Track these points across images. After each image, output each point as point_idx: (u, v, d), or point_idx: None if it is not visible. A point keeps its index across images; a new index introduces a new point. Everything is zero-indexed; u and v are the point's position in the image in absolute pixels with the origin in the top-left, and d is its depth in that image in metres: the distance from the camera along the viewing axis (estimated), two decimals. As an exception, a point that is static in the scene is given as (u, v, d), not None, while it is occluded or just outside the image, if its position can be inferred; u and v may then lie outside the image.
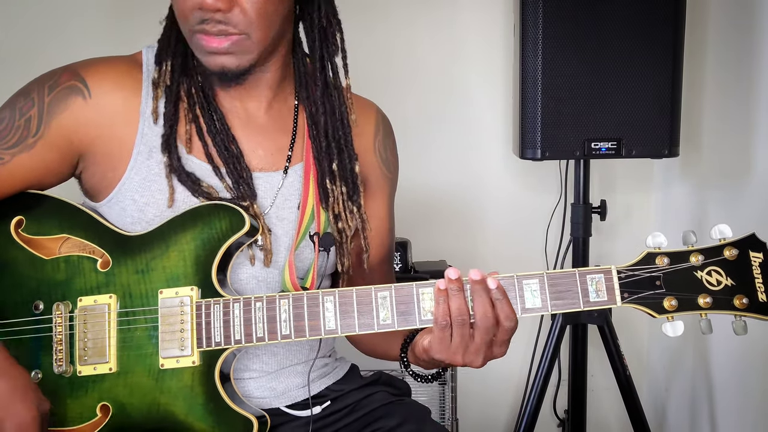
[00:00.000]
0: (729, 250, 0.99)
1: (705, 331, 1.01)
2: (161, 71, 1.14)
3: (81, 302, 1.09)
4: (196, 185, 1.12)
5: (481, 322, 1.00)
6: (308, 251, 1.18)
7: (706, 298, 1.00)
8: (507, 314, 1.00)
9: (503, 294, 1.00)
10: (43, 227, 1.12)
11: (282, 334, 1.05)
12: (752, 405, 1.84)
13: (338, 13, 1.19)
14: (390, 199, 1.33)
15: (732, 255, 0.99)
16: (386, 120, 1.33)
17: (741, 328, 1.01)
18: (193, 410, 1.07)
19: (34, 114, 1.10)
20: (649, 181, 2.42)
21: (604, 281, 1.01)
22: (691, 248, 1.01)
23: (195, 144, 1.15)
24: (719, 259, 1.00)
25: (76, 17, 2.27)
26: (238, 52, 1.07)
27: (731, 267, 1.00)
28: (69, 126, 1.10)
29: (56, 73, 1.13)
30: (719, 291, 1.00)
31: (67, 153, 1.12)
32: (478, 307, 1.00)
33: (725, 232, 1.01)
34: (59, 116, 1.10)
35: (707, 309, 1.00)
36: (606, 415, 2.47)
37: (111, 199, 1.13)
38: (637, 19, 1.77)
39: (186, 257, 1.08)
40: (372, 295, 1.04)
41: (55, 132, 1.10)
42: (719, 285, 1.00)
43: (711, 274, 1.00)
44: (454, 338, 1.00)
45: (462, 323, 0.99)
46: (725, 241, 1.01)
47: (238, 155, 1.15)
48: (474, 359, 1.01)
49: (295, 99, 1.23)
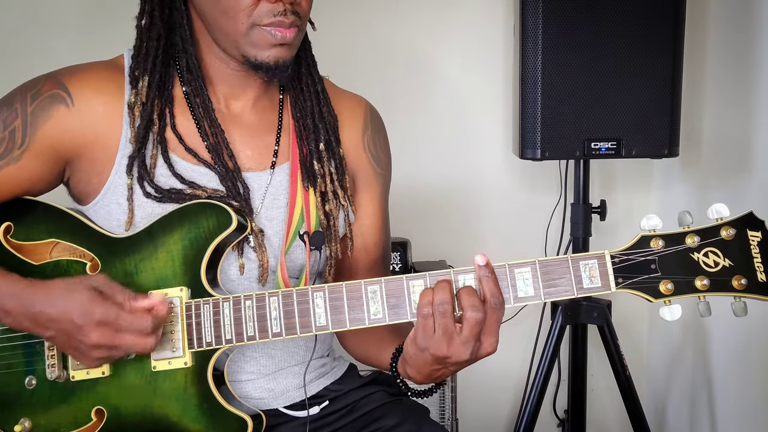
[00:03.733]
0: (726, 230, 0.96)
1: (703, 314, 0.98)
2: (138, 89, 1.13)
3: None
4: (178, 195, 1.11)
5: (467, 300, 0.97)
6: (299, 251, 1.18)
7: (703, 280, 0.96)
8: (493, 292, 0.98)
9: (491, 272, 0.99)
10: (32, 233, 1.12)
11: (273, 332, 1.04)
12: (752, 404, 1.84)
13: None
14: (382, 197, 1.32)
15: (729, 235, 0.96)
16: (376, 116, 1.32)
17: (741, 309, 0.97)
18: (187, 411, 1.06)
19: (18, 125, 1.10)
20: (649, 181, 2.42)
21: (597, 267, 0.98)
22: (686, 229, 0.98)
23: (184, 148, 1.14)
24: (716, 239, 0.97)
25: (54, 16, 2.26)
26: (295, 43, 1.11)
27: (729, 247, 0.96)
28: (54, 135, 1.10)
29: (38, 81, 1.12)
30: (717, 272, 0.96)
31: (53, 162, 1.12)
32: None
33: (722, 211, 0.97)
34: (43, 126, 1.09)
35: (705, 291, 0.97)
36: (606, 415, 2.47)
37: (97, 203, 1.13)
38: (637, 19, 1.77)
39: (174, 258, 1.08)
40: (362, 289, 1.02)
41: (41, 142, 1.10)
42: (717, 266, 0.97)
43: (708, 256, 0.97)
44: (437, 330, 0.97)
45: (443, 312, 0.97)
46: (722, 220, 0.97)
47: (231, 157, 1.15)
48: (462, 351, 0.97)
49: (280, 93, 1.23)
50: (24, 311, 1.03)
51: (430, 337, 0.98)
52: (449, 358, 0.98)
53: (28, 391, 1.10)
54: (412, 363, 1.03)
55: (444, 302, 0.97)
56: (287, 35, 1.08)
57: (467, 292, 0.98)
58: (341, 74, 1.37)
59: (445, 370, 1.03)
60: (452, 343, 0.97)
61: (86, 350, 1.02)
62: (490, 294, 0.98)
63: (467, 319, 0.96)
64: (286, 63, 1.11)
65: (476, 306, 0.96)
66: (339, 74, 1.35)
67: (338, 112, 1.25)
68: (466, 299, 0.97)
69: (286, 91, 1.23)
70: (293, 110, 1.22)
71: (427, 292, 0.98)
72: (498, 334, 0.99)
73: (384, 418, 1.22)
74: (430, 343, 0.98)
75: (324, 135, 1.21)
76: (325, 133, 1.21)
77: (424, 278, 1.01)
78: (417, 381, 1.07)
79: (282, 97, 1.23)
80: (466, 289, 0.98)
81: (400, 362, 1.09)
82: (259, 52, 1.09)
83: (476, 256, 0.99)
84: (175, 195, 1.11)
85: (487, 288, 0.98)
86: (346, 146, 1.24)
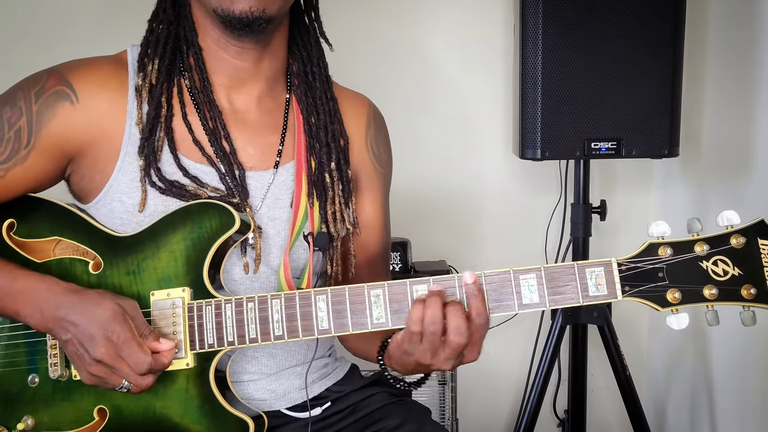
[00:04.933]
0: (736, 238, 0.94)
1: (711, 323, 0.96)
2: (146, 72, 1.12)
3: None
4: (180, 190, 1.11)
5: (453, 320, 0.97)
6: (302, 251, 1.18)
7: (712, 289, 0.95)
8: (479, 311, 0.97)
9: (478, 290, 0.98)
10: (35, 230, 1.11)
11: (275, 335, 1.03)
12: (752, 405, 1.84)
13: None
14: (383, 196, 1.32)
15: (739, 243, 0.94)
16: (378, 114, 1.32)
17: (749, 318, 0.95)
18: (189, 412, 1.06)
19: (23, 124, 1.09)
20: (649, 181, 2.42)
21: (603, 275, 0.97)
22: (696, 237, 0.96)
23: (188, 144, 1.14)
24: (726, 248, 0.95)
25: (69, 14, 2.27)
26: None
27: (738, 256, 0.94)
28: (59, 133, 1.09)
29: (41, 77, 1.11)
30: (726, 281, 0.94)
31: (59, 159, 1.11)
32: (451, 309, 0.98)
33: (732, 219, 0.95)
34: (49, 124, 1.08)
35: (713, 300, 0.95)
36: (606, 415, 2.47)
37: (98, 201, 1.12)
38: (637, 19, 1.77)
39: (177, 258, 1.07)
40: (365, 293, 1.01)
41: (46, 140, 1.09)
42: (726, 275, 0.95)
43: (717, 264, 0.95)
44: (425, 342, 0.97)
45: (433, 332, 0.96)
46: (732, 228, 0.95)
47: (233, 154, 1.15)
48: (443, 363, 0.99)
49: (287, 94, 1.23)
50: (54, 311, 1.03)
51: (416, 346, 0.99)
52: (432, 366, 1.01)
53: (31, 389, 1.10)
54: (396, 361, 1.05)
55: (434, 322, 0.96)
56: None
57: (455, 313, 0.97)
58: (341, 74, 1.37)
59: (427, 371, 1.06)
60: (436, 355, 0.98)
61: (88, 362, 1.01)
62: (476, 313, 0.97)
63: (450, 342, 0.97)
64: (256, 14, 1.05)
65: (461, 331, 0.96)
66: (339, 74, 1.34)
67: (341, 111, 1.25)
68: (453, 320, 0.96)
69: (293, 92, 1.23)
70: (304, 120, 1.21)
71: (418, 307, 0.97)
72: (481, 346, 1.00)
73: (386, 419, 1.22)
74: (415, 350, 0.99)
75: (335, 154, 1.21)
76: (336, 152, 1.21)
77: (428, 283, 1.00)
78: (401, 374, 1.09)
79: (288, 97, 1.23)
80: (455, 308, 0.97)
81: (385, 356, 1.10)
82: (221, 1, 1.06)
83: (464, 273, 0.98)
84: (177, 190, 1.11)
85: (474, 306, 0.98)
86: (350, 146, 1.24)
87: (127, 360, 1.00)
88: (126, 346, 0.99)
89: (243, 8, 1.05)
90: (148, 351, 1.01)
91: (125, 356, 1.00)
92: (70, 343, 1.03)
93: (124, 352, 1.00)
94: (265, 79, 1.19)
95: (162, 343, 1.03)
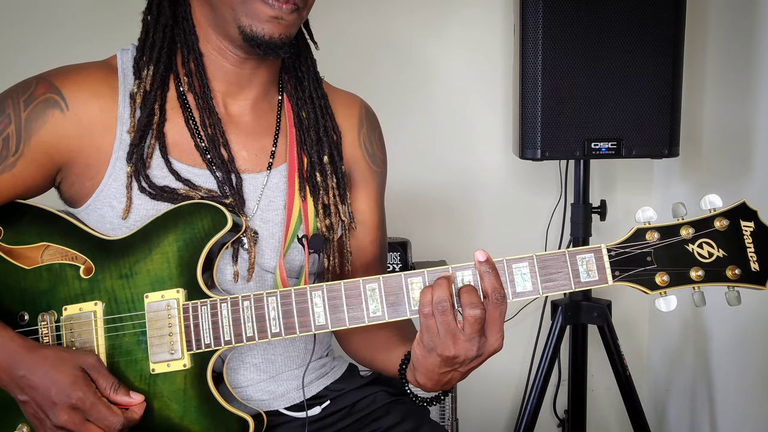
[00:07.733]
0: (719, 220, 0.97)
1: (698, 304, 0.99)
2: (141, 78, 1.12)
3: (66, 311, 1.08)
4: (172, 194, 1.10)
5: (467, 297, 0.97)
6: (296, 252, 1.17)
7: (698, 271, 0.97)
8: (494, 287, 0.97)
9: (492, 267, 0.98)
10: (23, 236, 1.10)
11: (272, 333, 1.03)
12: (752, 404, 1.84)
13: None
14: (378, 194, 1.31)
15: (723, 225, 0.97)
16: (371, 113, 1.32)
17: (734, 298, 0.98)
18: (188, 413, 1.06)
19: (12, 132, 1.08)
20: (649, 181, 2.42)
21: (594, 260, 0.99)
22: (681, 221, 0.99)
23: (180, 148, 1.13)
24: (710, 230, 0.98)
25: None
26: (293, 22, 1.08)
27: (722, 238, 0.98)
28: (48, 141, 1.08)
29: (30, 84, 1.10)
30: (711, 263, 0.98)
31: (47, 167, 1.11)
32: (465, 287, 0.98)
33: (715, 202, 0.98)
34: (38, 132, 1.08)
35: (700, 282, 0.98)
36: (606, 415, 2.47)
37: (89, 205, 1.11)
38: (637, 19, 1.77)
39: (170, 259, 1.07)
40: (360, 287, 1.01)
41: (35, 149, 1.08)
42: (711, 257, 0.98)
43: (702, 247, 0.98)
44: (440, 328, 0.96)
45: (443, 310, 0.96)
46: (715, 211, 0.98)
47: (231, 162, 1.14)
48: (468, 348, 0.97)
49: (279, 95, 1.23)
50: (9, 370, 1.02)
51: (435, 336, 0.97)
52: (457, 358, 0.98)
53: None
54: (421, 367, 1.02)
55: (443, 300, 0.96)
56: (284, 7, 1.06)
57: (466, 291, 0.97)
58: (341, 74, 1.37)
59: (454, 373, 1.02)
60: (457, 341, 0.96)
61: (50, 427, 1.01)
62: (492, 289, 0.97)
63: (467, 317, 0.96)
64: (282, 40, 1.08)
65: (474, 303, 0.96)
66: (339, 74, 1.35)
67: (333, 110, 1.25)
68: (465, 297, 0.97)
69: (285, 94, 1.23)
70: (294, 117, 1.22)
71: (426, 291, 0.98)
72: (503, 330, 0.99)
73: (384, 417, 1.22)
74: (436, 342, 0.97)
75: (327, 149, 1.21)
76: (329, 147, 1.21)
77: (423, 275, 1.01)
78: (427, 388, 1.05)
79: (281, 99, 1.23)
80: (465, 287, 0.98)
81: (409, 369, 1.07)
82: (254, 22, 1.07)
83: (476, 252, 0.99)
84: (168, 194, 1.10)
85: (489, 283, 0.98)
86: (343, 144, 1.24)
87: (97, 424, 1.00)
88: (94, 410, 0.99)
89: (273, 34, 1.07)
90: (117, 411, 1.01)
91: (95, 420, 0.99)
92: (28, 405, 1.02)
93: (93, 416, 0.99)
94: (261, 85, 1.19)
95: (132, 397, 1.03)
